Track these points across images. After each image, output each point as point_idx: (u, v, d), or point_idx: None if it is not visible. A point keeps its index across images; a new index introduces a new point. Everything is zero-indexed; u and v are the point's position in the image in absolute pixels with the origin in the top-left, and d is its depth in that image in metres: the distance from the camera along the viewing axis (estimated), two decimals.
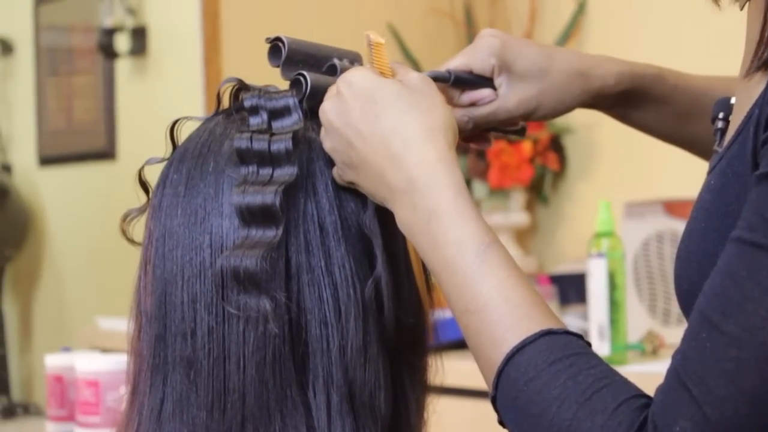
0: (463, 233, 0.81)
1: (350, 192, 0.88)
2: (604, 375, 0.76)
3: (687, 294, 0.85)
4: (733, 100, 0.96)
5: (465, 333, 0.81)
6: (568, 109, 1.08)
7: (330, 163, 0.88)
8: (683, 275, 0.86)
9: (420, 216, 0.83)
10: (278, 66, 0.91)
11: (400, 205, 0.84)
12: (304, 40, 0.93)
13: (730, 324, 0.71)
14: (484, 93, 1.03)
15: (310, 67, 0.91)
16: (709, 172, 0.87)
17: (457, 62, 1.03)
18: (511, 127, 1.08)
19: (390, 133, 0.84)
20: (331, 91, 0.87)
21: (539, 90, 1.04)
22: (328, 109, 0.86)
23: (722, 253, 0.75)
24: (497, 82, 1.04)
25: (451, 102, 1.04)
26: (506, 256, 0.82)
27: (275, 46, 0.92)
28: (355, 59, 0.95)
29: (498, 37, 1.04)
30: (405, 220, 0.84)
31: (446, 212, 0.82)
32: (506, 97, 1.03)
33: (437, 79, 1.00)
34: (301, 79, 0.89)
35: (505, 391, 0.78)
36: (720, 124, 0.96)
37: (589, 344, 0.79)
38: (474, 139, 1.06)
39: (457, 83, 1.02)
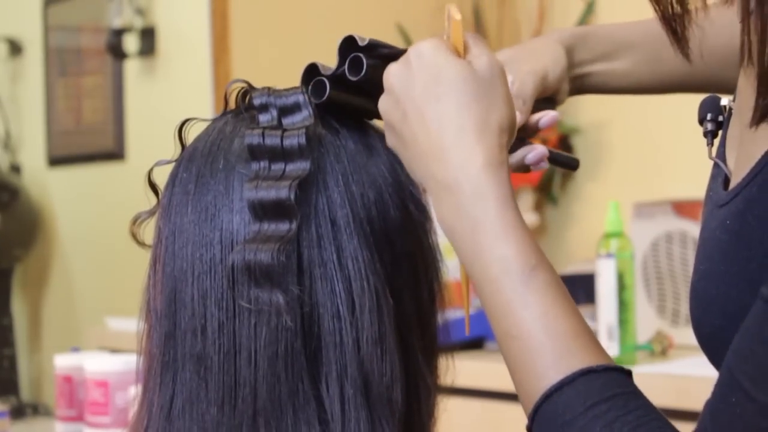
0: (508, 251, 0.79)
1: (362, 186, 0.88)
2: (641, 422, 0.74)
3: (709, 337, 0.84)
4: (724, 101, 0.94)
5: (505, 356, 0.80)
6: (559, 67, 1.08)
7: (339, 157, 0.88)
8: (703, 319, 0.84)
9: (464, 223, 0.80)
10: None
11: (443, 203, 0.82)
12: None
13: (760, 393, 0.69)
14: None
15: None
16: (721, 205, 0.84)
17: None
18: (564, 153, 1.08)
19: (445, 121, 0.81)
20: (401, 57, 0.84)
21: (529, 63, 1.06)
22: (392, 73, 0.84)
23: (751, 310, 0.72)
24: None
25: None
26: (552, 279, 0.79)
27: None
28: None
29: None
30: (447, 220, 0.81)
31: (492, 225, 0.79)
32: (515, 74, 1.03)
33: None
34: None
35: (541, 427, 0.76)
36: (710, 126, 0.94)
37: (629, 373, 0.77)
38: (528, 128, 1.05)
39: None
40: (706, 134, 0.94)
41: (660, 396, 2.02)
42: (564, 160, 1.07)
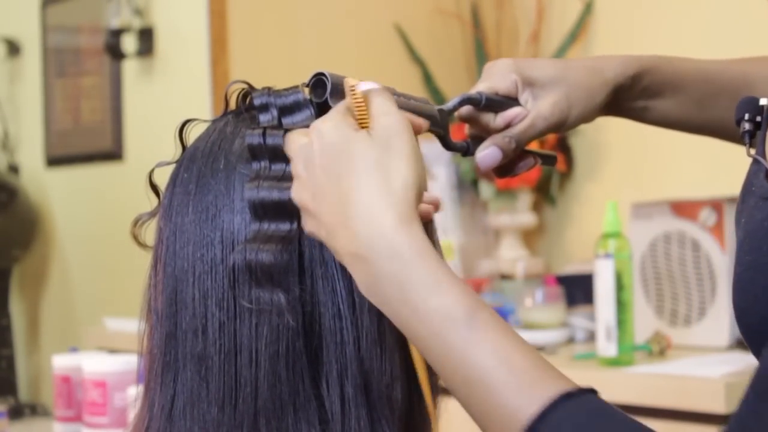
0: (444, 300, 0.77)
1: None
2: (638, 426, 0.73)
3: (756, 328, 0.84)
4: (763, 101, 0.95)
5: (467, 403, 0.78)
6: (597, 107, 1.08)
7: None
8: (748, 308, 0.84)
9: (389, 287, 0.78)
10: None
11: (364, 275, 0.80)
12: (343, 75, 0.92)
13: None
14: (516, 111, 1.04)
15: None
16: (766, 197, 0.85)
17: (482, 86, 1.04)
18: (544, 151, 1.09)
19: (348, 196, 0.80)
20: (302, 138, 0.84)
21: (565, 92, 1.05)
22: (294, 156, 0.83)
23: None
24: (523, 98, 1.05)
25: (487, 127, 1.04)
26: (494, 316, 0.78)
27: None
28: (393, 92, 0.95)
29: (509, 58, 1.07)
30: (372, 290, 0.80)
31: (418, 280, 0.77)
32: (538, 107, 1.04)
33: (470, 101, 1.02)
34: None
35: None
36: (747, 126, 0.95)
37: (597, 392, 0.76)
38: (517, 162, 1.06)
39: (487, 106, 1.04)
40: (743, 134, 0.95)
41: (658, 396, 2.02)
42: (544, 157, 1.09)
